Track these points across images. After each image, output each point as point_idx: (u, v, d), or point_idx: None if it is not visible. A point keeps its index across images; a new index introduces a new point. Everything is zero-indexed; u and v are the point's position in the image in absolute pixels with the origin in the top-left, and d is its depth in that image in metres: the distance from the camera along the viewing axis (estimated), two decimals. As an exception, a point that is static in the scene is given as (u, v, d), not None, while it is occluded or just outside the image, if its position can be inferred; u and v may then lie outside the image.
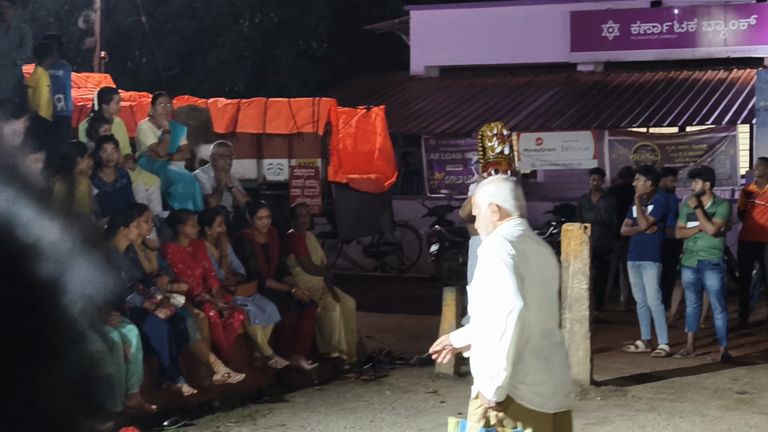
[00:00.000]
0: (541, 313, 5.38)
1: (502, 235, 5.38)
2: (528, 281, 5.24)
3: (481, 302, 5.35)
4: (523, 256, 5.29)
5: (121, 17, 31.78)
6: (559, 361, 5.48)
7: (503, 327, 5.09)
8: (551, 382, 5.37)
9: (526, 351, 5.25)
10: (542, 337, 5.36)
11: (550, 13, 26.21)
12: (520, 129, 22.55)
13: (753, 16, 24.36)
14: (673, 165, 20.78)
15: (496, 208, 5.49)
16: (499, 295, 5.17)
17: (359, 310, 12.41)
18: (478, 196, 5.65)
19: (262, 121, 16.19)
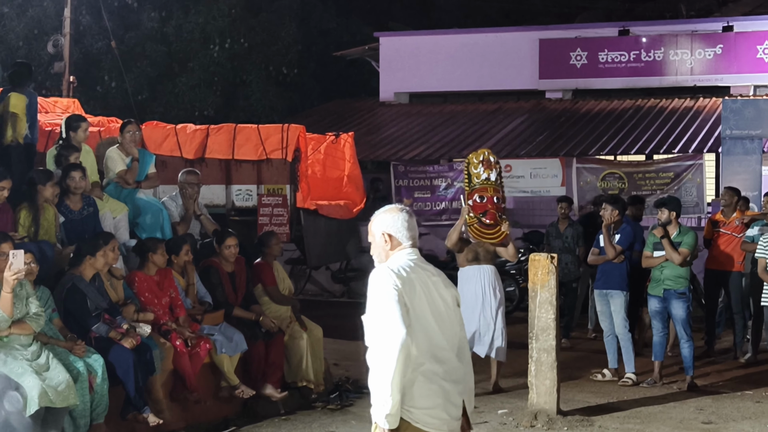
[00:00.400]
0: (433, 340, 5.43)
1: (389, 265, 5.49)
2: (415, 311, 5.34)
3: (371, 331, 5.37)
4: (411, 286, 5.39)
5: (90, 42, 31.68)
6: (452, 386, 5.50)
7: (388, 356, 5.19)
8: (444, 405, 5.43)
9: (418, 376, 5.34)
10: (435, 362, 5.40)
11: (518, 40, 26.35)
12: (488, 156, 22.58)
13: (719, 46, 24.55)
14: (640, 193, 20.87)
15: (389, 237, 5.61)
16: (384, 324, 5.26)
17: (327, 336, 12.34)
18: (372, 224, 5.72)
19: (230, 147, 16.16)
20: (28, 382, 8.18)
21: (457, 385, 5.53)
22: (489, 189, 11.71)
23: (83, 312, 9.32)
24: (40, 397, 8.15)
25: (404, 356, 5.19)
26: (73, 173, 10.53)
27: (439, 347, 5.47)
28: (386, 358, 5.21)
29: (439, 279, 5.64)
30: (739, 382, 12.63)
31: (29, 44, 30.61)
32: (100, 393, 8.70)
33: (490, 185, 11.75)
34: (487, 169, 11.82)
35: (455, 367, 5.54)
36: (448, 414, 5.47)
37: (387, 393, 5.20)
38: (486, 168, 11.80)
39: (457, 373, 5.55)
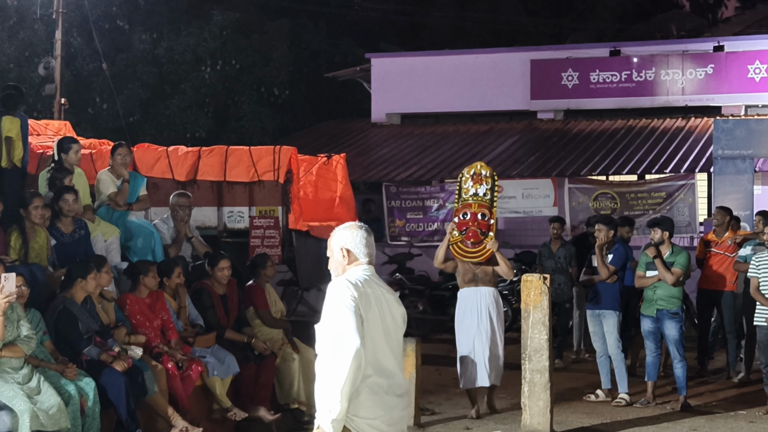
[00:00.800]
0: (380, 354, 5.65)
1: (347, 278, 5.68)
2: (368, 323, 5.55)
3: (324, 340, 5.58)
4: (366, 299, 5.59)
5: (81, 64, 31.71)
6: (395, 400, 5.72)
7: (341, 363, 5.40)
8: (387, 416, 5.65)
9: (364, 387, 5.54)
10: (380, 375, 5.62)
11: (510, 61, 26.40)
12: (480, 176, 22.60)
13: (710, 65, 24.62)
14: (632, 213, 20.92)
15: (346, 252, 5.81)
16: (339, 333, 5.47)
17: (320, 359, 12.33)
18: (332, 240, 5.94)
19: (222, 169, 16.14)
20: (19, 405, 8.17)
21: (400, 399, 5.77)
22: (473, 205, 11.50)
23: (75, 335, 9.31)
24: (32, 420, 8.14)
25: (357, 365, 5.41)
26: (66, 195, 10.54)
27: (385, 361, 5.68)
28: (339, 366, 5.42)
29: (392, 297, 5.88)
30: (732, 402, 12.63)
31: (20, 66, 30.61)
32: (91, 416, 8.68)
33: (475, 201, 11.54)
34: (476, 184, 11.64)
35: (399, 382, 5.80)
36: (389, 426, 5.69)
37: (336, 399, 5.40)
38: (475, 182, 11.62)
39: (401, 388, 5.81)
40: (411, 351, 11.20)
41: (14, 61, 30.87)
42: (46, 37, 30.48)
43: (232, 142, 19.51)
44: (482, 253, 11.28)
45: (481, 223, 11.38)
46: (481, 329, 11.33)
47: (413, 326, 18.00)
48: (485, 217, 11.40)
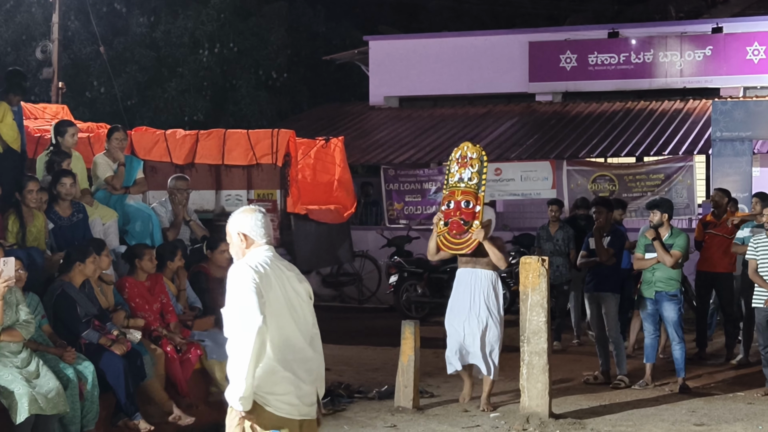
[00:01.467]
0: (285, 330, 5.81)
1: (247, 261, 5.84)
2: (270, 302, 5.70)
3: (230, 322, 5.72)
4: (267, 280, 5.75)
5: (79, 47, 31.65)
6: (304, 374, 5.87)
7: (244, 341, 5.56)
8: (296, 392, 5.81)
9: (273, 364, 5.72)
10: (288, 352, 5.79)
11: (508, 43, 26.39)
12: (479, 159, 22.60)
13: (708, 47, 24.60)
14: (630, 195, 20.95)
15: (244, 236, 5.95)
16: (242, 313, 5.61)
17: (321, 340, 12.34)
18: (229, 225, 6.07)
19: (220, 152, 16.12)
20: (18, 389, 8.17)
21: (309, 373, 5.90)
22: (457, 192, 10.85)
23: (73, 318, 9.31)
24: (30, 404, 8.14)
25: (260, 342, 5.57)
26: (63, 179, 10.54)
27: (292, 337, 5.85)
28: (243, 344, 5.57)
29: (293, 274, 6.04)
30: (730, 383, 12.64)
31: (17, 50, 30.57)
32: (90, 400, 8.69)
33: (458, 188, 10.90)
34: (460, 168, 10.98)
35: (308, 357, 5.91)
36: (300, 400, 5.84)
37: (242, 376, 5.56)
38: (461, 166, 10.98)
39: (310, 363, 5.92)
40: (410, 334, 11.21)
41: (11, 45, 30.84)
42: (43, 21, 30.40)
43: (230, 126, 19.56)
44: (467, 244, 10.70)
45: (465, 211, 10.72)
46: (471, 314, 10.77)
47: (412, 309, 18.09)
48: (470, 204, 10.73)
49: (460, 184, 10.88)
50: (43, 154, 11.72)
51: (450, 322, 10.99)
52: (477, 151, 11.02)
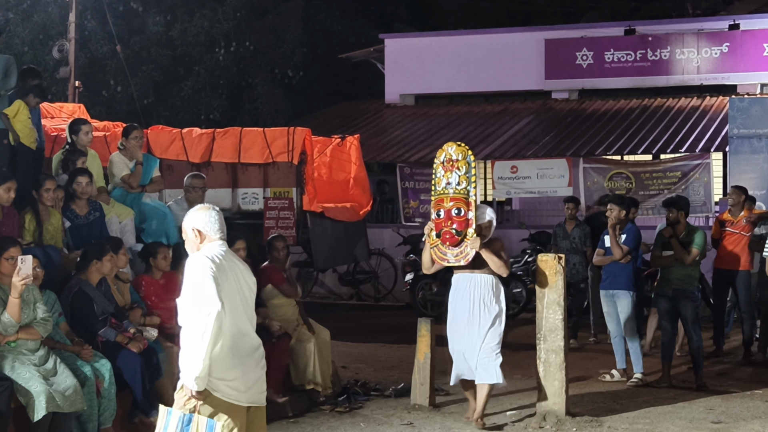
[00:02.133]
0: (237, 319, 6.20)
1: (204, 253, 6.22)
2: (224, 291, 6.05)
3: (186, 310, 6.09)
4: (222, 271, 6.12)
5: (95, 46, 31.74)
6: (253, 362, 6.27)
7: (203, 325, 5.91)
8: (244, 379, 6.18)
9: (224, 351, 6.06)
10: (238, 339, 6.17)
11: (524, 41, 26.37)
12: (495, 157, 22.62)
13: (725, 44, 24.55)
14: (647, 192, 20.91)
15: (198, 232, 6.33)
16: (201, 299, 5.96)
17: (334, 339, 12.36)
18: (184, 222, 6.48)
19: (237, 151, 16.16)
20: (36, 387, 8.19)
21: (257, 361, 6.32)
22: (446, 200, 10.03)
23: (90, 316, 9.33)
24: (48, 402, 8.15)
25: (218, 326, 5.93)
26: (79, 178, 10.56)
27: (242, 326, 6.26)
28: (201, 328, 5.92)
29: (244, 267, 6.51)
30: (748, 381, 12.61)
31: (34, 49, 30.67)
32: (107, 397, 8.70)
33: (446, 195, 10.03)
34: (447, 172, 10.12)
35: (255, 345, 6.34)
36: (245, 385, 6.19)
37: (200, 358, 5.90)
38: (446, 170, 10.11)
39: (257, 351, 6.33)
40: (426, 332, 11.22)
41: (28, 44, 30.93)
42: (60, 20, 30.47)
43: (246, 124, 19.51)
44: (463, 255, 9.86)
45: (457, 220, 9.90)
46: (472, 322, 9.93)
47: (428, 307, 18.08)
48: (461, 212, 9.89)
49: (447, 189, 10.05)
50: (59, 152, 11.75)
51: (451, 331, 10.25)
52: (462, 151, 10.12)
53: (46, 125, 13.12)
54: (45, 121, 13.28)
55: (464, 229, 9.78)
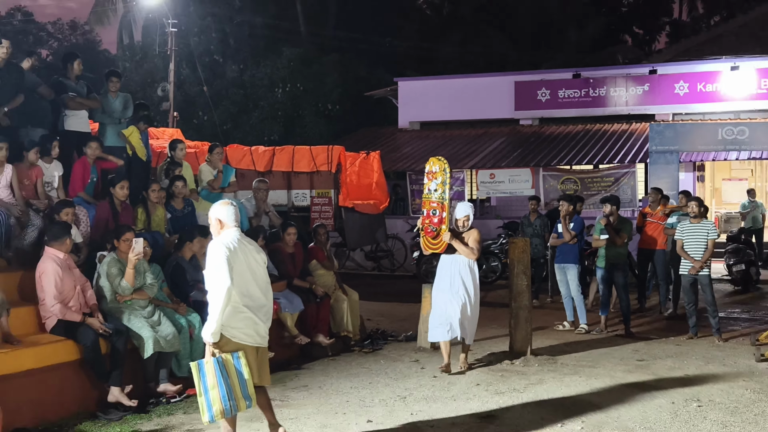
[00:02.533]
0: (248, 286, 6.34)
1: (221, 239, 6.34)
2: (235, 269, 6.21)
3: (209, 282, 6.24)
4: (234, 252, 6.26)
5: (188, 87, 31.94)
6: (260, 317, 6.42)
7: (218, 296, 6.13)
8: (254, 328, 6.39)
9: (239, 307, 6.25)
10: (248, 301, 6.33)
11: (500, 82, 26.34)
12: (478, 167, 22.61)
13: (646, 84, 24.50)
14: (589, 192, 20.86)
15: (219, 221, 6.46)
16: (217, 276, 6.16)
17: (361, 300, 12.33)
18: (210, 212, 6.58)
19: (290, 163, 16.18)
20: (145, 333, 8.24)
21: (265, 315, 6.50)
22: (427, 203, 9.71)
23: (184, 283, 9.38)
24: (154, 344, 8.22)
25: (228, 296, 6.12)
26: (177, 183, 10.60)
27: (252, 290, 6.38)
28: (217, 297, 6.13)
29: (253, 248, 6.54)
30: (663, 330, 12.56)
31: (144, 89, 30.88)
32: (197, 341, 8.70)
33: (428, 199, 9.73)
34: (429, 181, 9.82)
35: (262, 304, 6.48)
36: (255, 332, 6.40)
37: (215, 319, 6.14)
38: (429, 179, 9.80)
39: (264, 308, 6.50)
40: (428, 294, 11.15)
41: (139, 86, 31.15)
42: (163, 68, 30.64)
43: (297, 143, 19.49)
44: (440, 245, 9.59)
45: (434, 218, 9.62)
46: (453, 293, 9.58)
47: (429, 277, 18.01)
48: (436, 212, 9.59)
49: (429, 194, 9.76)
50: (162, 164, 11.80)
51: (435, 298, 9.91)
52: (439, 164, 9.78)
53: (152, 144, 13.16)
54: (152, 141, 13.32)
55: (439, 226, 9.54)
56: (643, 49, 42.26)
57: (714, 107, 23.65)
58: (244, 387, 6.29)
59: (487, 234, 20.65)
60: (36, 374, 7.57)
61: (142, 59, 32.89)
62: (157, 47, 32.28)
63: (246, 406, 6.31)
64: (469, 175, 23.25)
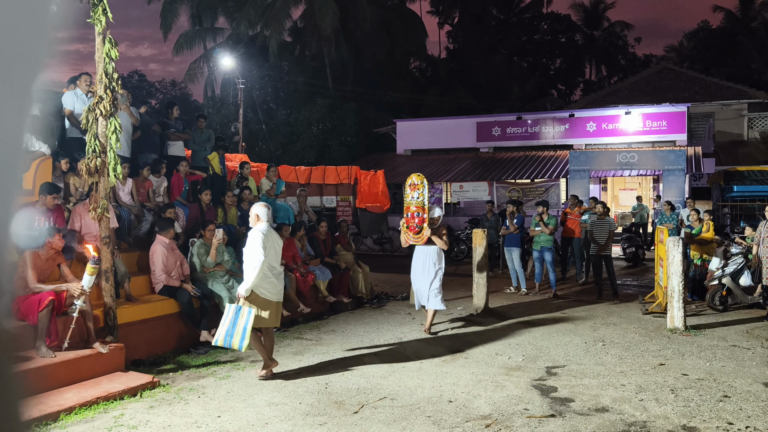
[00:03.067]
0: (271, 260, 6.39)
1: (258, 228, 6.40)
2: (266, 248, 6.31)
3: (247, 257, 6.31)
4: (267, 237, 6.36)
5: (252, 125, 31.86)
6: (278, 280, 6.47)
7: (255, 266, 6.23)
8: (275, 287, 6.45)
9: (267, 275, 6.34)
10: (272, 270, 6.41)
11: (466, 122, 26.29)
12: (451, 180, 22.56)
13: (567, 124, 24.41)
14: (527, 198, 20.81)
15: (256, 216, 6.48)
16: (255, 252, 6.26)
17: (371, 271, 12.33)
18: (251, 209, 6.55)
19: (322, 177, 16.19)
20: (223, 293, 8.25)
21: (280, 279, 6.51)
22: (411, 206, 9.15)
23: (250, 260, 9.38)
24: (229, 301, 8.20)
25: (261, 267, 6.23)
26: (245, 191, 10.62)
27: (274, 263, 6.44)
28: (253, 267, 6.20)
29: (276, 235, 6.55)
30: (578, 293, 12.54)
31: (222, 127, 30.81)
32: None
33: (412, 203, 9.17)
34: (412, 191, 9.22)
35: (280, 271, 6.54)
36: (276, 291, 6.45)
37: (250, 281, 6.23)
38: (411, 190, 9.27)
39: (281, 275, 6.54)
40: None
41: (219, 125, 31.04)
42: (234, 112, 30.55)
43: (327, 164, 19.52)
44: (421, 238, 9.05)
45: (417, 219, 9.08)
46: (425, 273, 8.96)
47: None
48: (419, 214, 9.05)
49: (412, 201, 9.15)
50: (234, 179, 11.80)
51: (413, 279, 9.30)
52: (420, 178, 9.20)
53: (228, 165, 13.19)
54: (227, 163, 13.35)
55: (421, 224, 9.04)
56: (565, 100, 42.26)
57: (613, 140, 23.60)
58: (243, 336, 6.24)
59: (457, 226, 20.65)
60: (149, 322, 7.60)
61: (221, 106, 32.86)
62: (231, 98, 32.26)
63: (237, 347, 6.26)
64: (445, 186, 23.21)
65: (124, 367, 6.63)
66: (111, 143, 6.75)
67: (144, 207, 9.29)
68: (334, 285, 10.88)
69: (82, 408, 5.63)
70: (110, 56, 6.63)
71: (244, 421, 5.40)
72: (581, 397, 6.02)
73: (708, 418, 5.40)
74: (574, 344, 8.17)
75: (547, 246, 12.17)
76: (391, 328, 9.32)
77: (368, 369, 7.04)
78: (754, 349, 7.89)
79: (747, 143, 25.43)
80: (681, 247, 9.00)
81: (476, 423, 5.33)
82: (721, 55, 39.77)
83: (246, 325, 6.24)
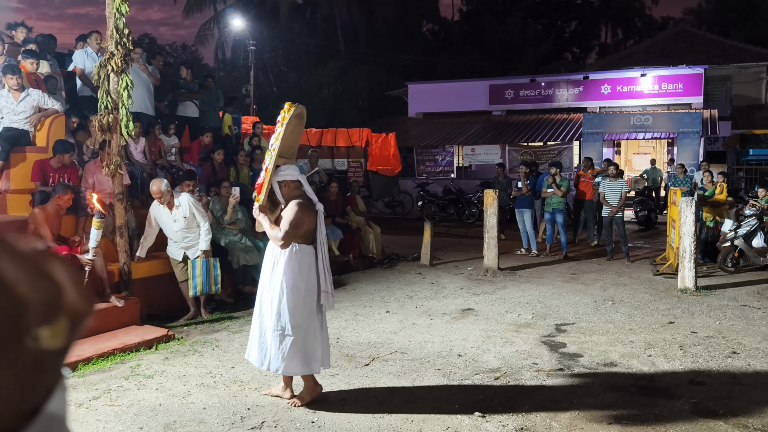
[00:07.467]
0: None
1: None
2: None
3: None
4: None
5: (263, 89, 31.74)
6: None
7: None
8: None
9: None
10: None
11: (479, 85, 25.97)
12: (463, 144, 22.44)
13: (581, 86, 24.07)
14: (540, 161, 20.69)
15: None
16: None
17: (382, 233, 12.39)
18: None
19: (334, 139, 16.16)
20: (236, 250, 8.32)
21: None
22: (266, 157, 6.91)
23: (262, 219, 9.44)
24: (241, 259, 8.30)
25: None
26: (257, 151, 10.64)
27: None
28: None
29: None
30: (589, 255, 12.54)
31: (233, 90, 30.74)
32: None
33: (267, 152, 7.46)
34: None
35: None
36: None
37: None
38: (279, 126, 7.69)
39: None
40: (428, 228, 11.24)
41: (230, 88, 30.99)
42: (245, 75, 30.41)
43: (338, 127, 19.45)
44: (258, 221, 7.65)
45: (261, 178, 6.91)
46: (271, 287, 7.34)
47: (430, 217, 18.07)
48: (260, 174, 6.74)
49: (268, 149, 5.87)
50: (247, 138, 11.82)
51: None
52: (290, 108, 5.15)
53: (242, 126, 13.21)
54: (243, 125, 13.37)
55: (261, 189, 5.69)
56: (579, 63, 41.63)
57: (628, 102, 23.28)
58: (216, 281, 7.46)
59: (469, 190, 20.63)
60: (164, 278, 7.71)
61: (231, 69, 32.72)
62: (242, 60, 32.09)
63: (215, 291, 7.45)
64: (457, 149, 23.09)
65: (139, 321, 6.75)
66: (123, 99, 6.76)
67: (156, 165, 9.33)
68: (345, 244, 10.94)
69: (100, 359, 5.77)
70: (120, 11, 6.60)
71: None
72: (590, 352, 6.08)
73: (715, 374, 5.45)
74: (583, 303, 8.21)
75: (558, 208, 12.11)
76: (401, 287, 9.40)
77: (379, 325, 7.13)
78: (764, 308, 7.90)
79: (765, 107, 25.02)
80: (694, 207, 8.95)
81: (485, 376, 5.41)
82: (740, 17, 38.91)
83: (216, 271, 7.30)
